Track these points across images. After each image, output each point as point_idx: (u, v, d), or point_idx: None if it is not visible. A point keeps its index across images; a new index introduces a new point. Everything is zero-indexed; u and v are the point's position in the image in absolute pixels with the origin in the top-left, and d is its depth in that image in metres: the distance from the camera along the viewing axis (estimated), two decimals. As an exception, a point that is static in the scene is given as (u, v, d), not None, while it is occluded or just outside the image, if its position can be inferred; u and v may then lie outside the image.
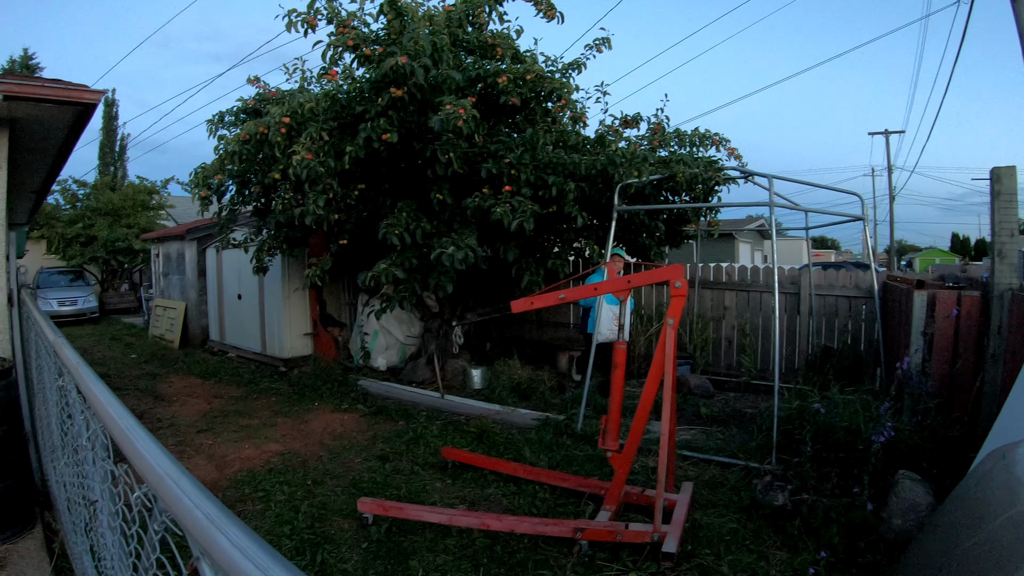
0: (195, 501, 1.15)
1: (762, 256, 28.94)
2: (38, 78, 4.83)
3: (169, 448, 1.90)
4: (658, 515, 4.50)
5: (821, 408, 5.75)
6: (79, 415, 2.64)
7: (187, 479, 1.25)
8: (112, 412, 1.80)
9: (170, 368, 12.47)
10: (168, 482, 1.27)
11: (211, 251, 14.52)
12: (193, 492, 1.19)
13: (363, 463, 6.74)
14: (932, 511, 4.38)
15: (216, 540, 1.04)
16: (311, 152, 7.29)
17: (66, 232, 23.62)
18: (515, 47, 8.97)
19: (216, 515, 1.09)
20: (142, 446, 1.48)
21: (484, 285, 10.09)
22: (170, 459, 1.36)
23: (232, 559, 0.98)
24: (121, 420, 1.71)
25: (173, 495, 1.22)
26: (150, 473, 1.37)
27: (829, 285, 9.40)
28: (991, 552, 2.66)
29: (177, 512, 1.20)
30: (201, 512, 1.11)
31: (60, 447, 3.48)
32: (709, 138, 9.10)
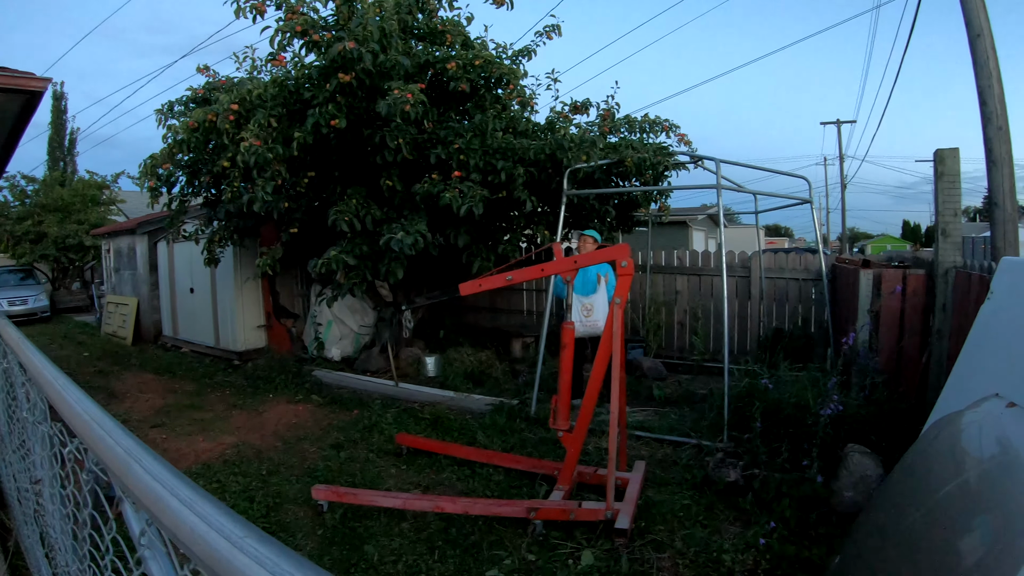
0: (115, 438, 1.16)
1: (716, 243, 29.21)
2: (-18, 67, 4.75)
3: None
4: (610, 493, 4.56)
5: (770, 384, 5.86)
6: (21, 389, 2.64)
7: (110, 421, 1.26)
8: (47, 374, 1.84)
9: (123, 365, 12.28)
10: (93, 426, 1.28)
11: (163, 245, 14.31)
12: (115, 431, 1.20)
13: (318, 452, 6.73)
14: (881, 482, 4.48)
15: (132, 470, 1.05)
16: (259, 139, 7.23)
17: (15, 230, 23.08)
18: (465, 34, 8.97)
19: (134, 448, 1.10)
20: (71, 396, 1.51)
21: (436, 272, 10.09)
22: (96, 407, 1.37)
23: (144, 484, 0.99)
24: (55, 380, 1.74)
25: (98, 438, 1.23)
26: (78, 421, 1.38)
27: (779, 268, 9.57)
28: (939, 521, 2.74)
29: (102, 454, 1.21)
30: (121, 447, 1.12)
31: (7, 434, 3.45)
32: (659, 124, 9.18)
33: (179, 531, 0.89)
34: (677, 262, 10.33)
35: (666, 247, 11.43)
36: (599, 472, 5.40)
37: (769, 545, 4.29)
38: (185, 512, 0.90)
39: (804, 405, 5.42)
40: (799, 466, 5.06)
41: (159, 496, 0.96)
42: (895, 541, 3.09)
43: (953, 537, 2.59)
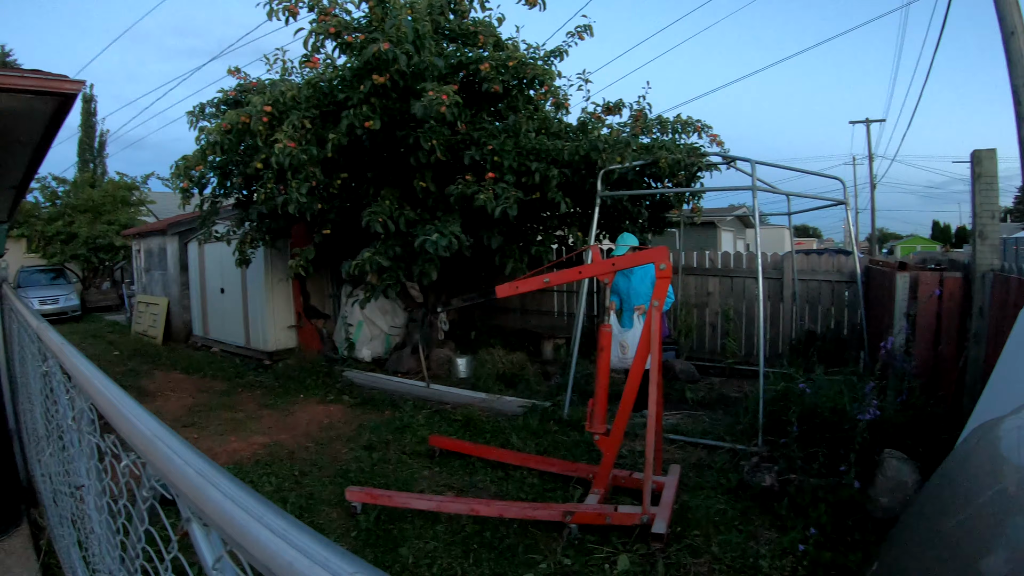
0: (186, 459, 1.12)
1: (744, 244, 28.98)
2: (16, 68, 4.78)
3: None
4: (647, 497, 4.52)
5: (807, 388, 5.78)
6: (64, 396, 2.61)
7: (176, 439, 1.23)
8: (97, 384, 1.77)
9: (154, 364, 12.37)
10: (158, 443, 1.24)
11: (193, 245, 14.40)
12: (183, 450, 1.16)
13: (350, 453, 6.72)
14: (918, 489, 4.41)
15: (208, 494, 1.01)
16: (293, 140, 7.25)
17: (46, 230, 23.33)
18: (497, 35, 8.94)
19: (207, 470, 1.06)
20: (129, 411, 1.45)
21: (468, 273, 10.08)
22: (158, 422, 1.34)
23: (225, 511, 0.96)
24: (107, 390, 1.67)
25: (163, 455, 1.19)
26: (139, 437, 1.33)
27: (812, 270, 9.46)
28: (976, 529, 2.68)
29: (168, 472, 1.17)
30: (192, 469, 1.09)
31: (45, 437, 3.44)
32: (691, 125, 9.12)
33: (273, 566, 0.85)
34: (709, 263, 10.23)
35: (695, 248, 11.36)
36: (634, 476, 5.36)
37: (806, 551, 4.23)
38: (278, 544, 0.86)
39: (840, 409, 5.33)
40: (835, 471, 4.99)
41: (244, 526, 0.92)
42: (933, 549, 3.03)
43: (989, 544, 2.53)
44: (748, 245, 29.14)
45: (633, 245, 7.05)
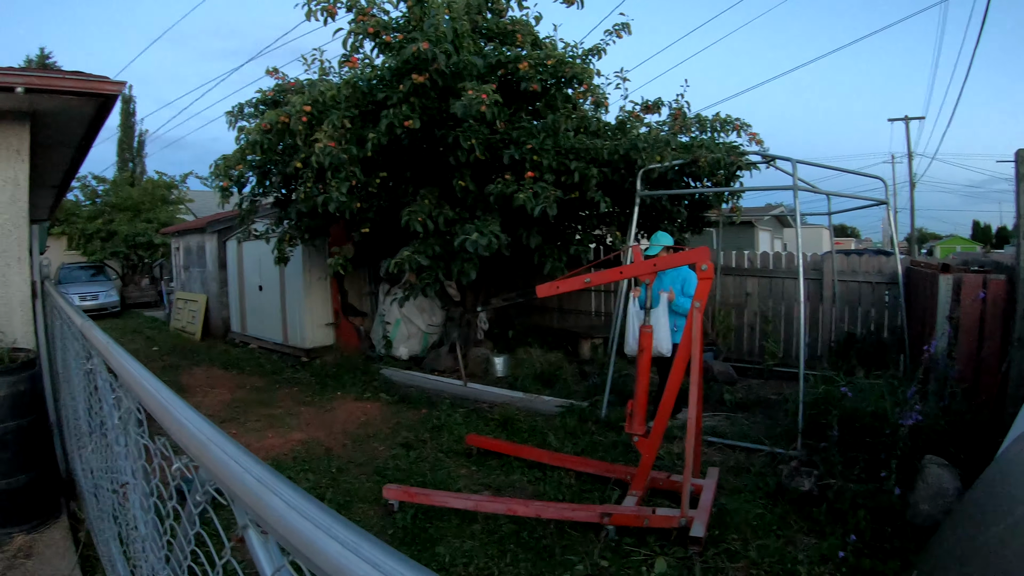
0: (244, 465, 1.11)
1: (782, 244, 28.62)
2: (58, 70, 4.84)
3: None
4: (685, 500, 4.48)
5: (848, 392, 5.70)
6: (109, 395, 2.60)
7: (232, 445, 1.21)
8: (147, 385, 1.77)
9: (192, 360, 12.52)
10: (213, 448, 1.23)
11: (231, 243, 14.55)
12: (241, 456, 1.15)
13: (387, 451, 6.75)
14: (959, 497, 4.35)
15: (269, 503, 1.00)
16: (333, 139, 7.28)
17: (86, 228, 23.70)
18: (535, 33, 8.93)
19: (267, 478, 1.04)
20: (182, 414, 1.43)
21: (506, 272, 10.07)
22: (213, 426, 1.33)
23: (289, 521, 0.94)
24: (158, 392, 1.67)
25: (219, 461, 1.17)
26: (192, 441, 1.32)
27: (852, 271, 9.32)
28: (1018, 540, 2.63)
29: (223, 477, 1.16)
30: (251, 476, 1.07)
31: (87, 433, 3.46)
32: (730, 123, 9.03)
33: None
34: (748, 264, 10.13)
35: (732, 247, 11.26)
36: (672, 478, 5.33)
37: (846, 558, 4.17)
38: (348, 557, 0.84)
39: (882, 414, 5.25)
40: (875, 477, 4.93)
41: (311, 538, 0.89)
42: (973, 558, 2.97)
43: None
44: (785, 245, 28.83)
45: (667, 244, 6.89)
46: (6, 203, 5.16)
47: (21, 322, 5.22)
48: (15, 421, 4.38)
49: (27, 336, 5.23)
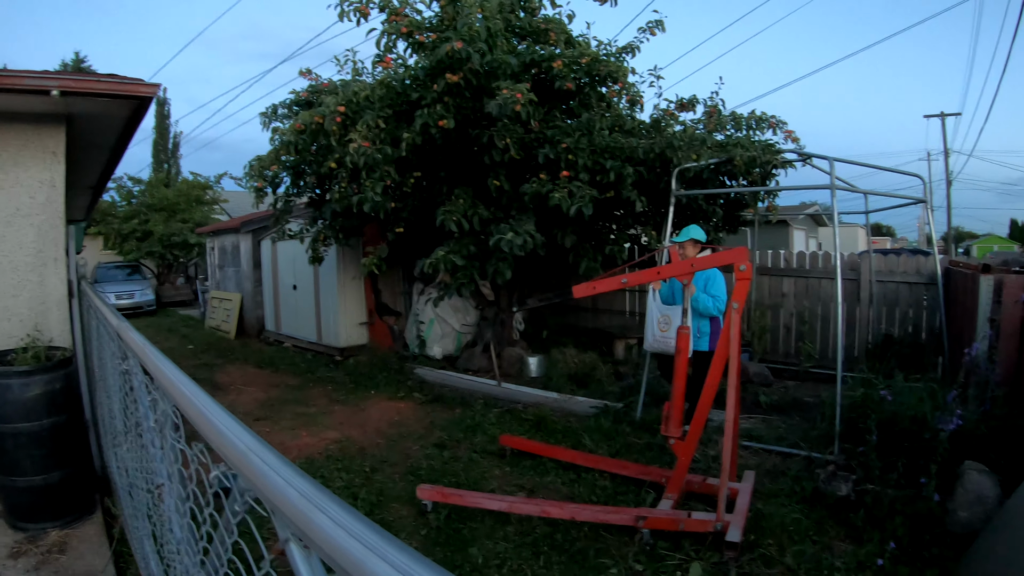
0: (287, 478, 1.08)
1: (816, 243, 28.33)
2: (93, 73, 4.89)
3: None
4: (721, 504, 4.42)
5: (888, 396, 5.60)
6: (145, 397, 2.59)
7: (273, 455, 1.18)
8: (185, 390, 1.74)
9: (227, 358, 12.64)
10: (253, 458, 1.20)
11: (266, 243, 14.67)
12: (283, 468, 1.12)
13: (421, 451, 6.75)
14: (999, 504, 4.28)
15: (315, 519, 0.97)
16: (367, 140, 7.29)
17: (122, 228, 24.04)
18: (568, 32, 8.88)
19: (312, 492, 1.01)
20: (221, 422, 1.40)
21: (540, 272, 10.04)
22: (253, 436, 1.30)
23: (337, 540, 0.91)
24: (195, 398, 1.65)
25: (261, 472, 1.14)
26: (231, 450, 1.29)
27: (889, 271, 9.16)
28: None
29: (264, 490, 1.13)
30: (295, 489, 1.05)
31: (123, 432, 3.48)
32: (765, 121, 8.92)
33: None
34: (784, 263, 10.00)
35: (766, 246, 11.14)
36: (708, 481, 5.27)
37: (884, 566, 4.11)
38: None
39: (921, 418, 5.15)
40: (914, 483, 4.82)
41: (361, 559, 0.86)
42: (1013, 567, 2.90)
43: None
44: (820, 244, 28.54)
45: (696, 238, 6.51)
46: (42, 204, 5.24)
47: (57, 321, 5.30)
48: (51, 419, 4.45)
49: (63, 335, 5.30)
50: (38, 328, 5.14)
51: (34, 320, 5.17)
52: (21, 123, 5.15)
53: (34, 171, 5.20)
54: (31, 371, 4.44)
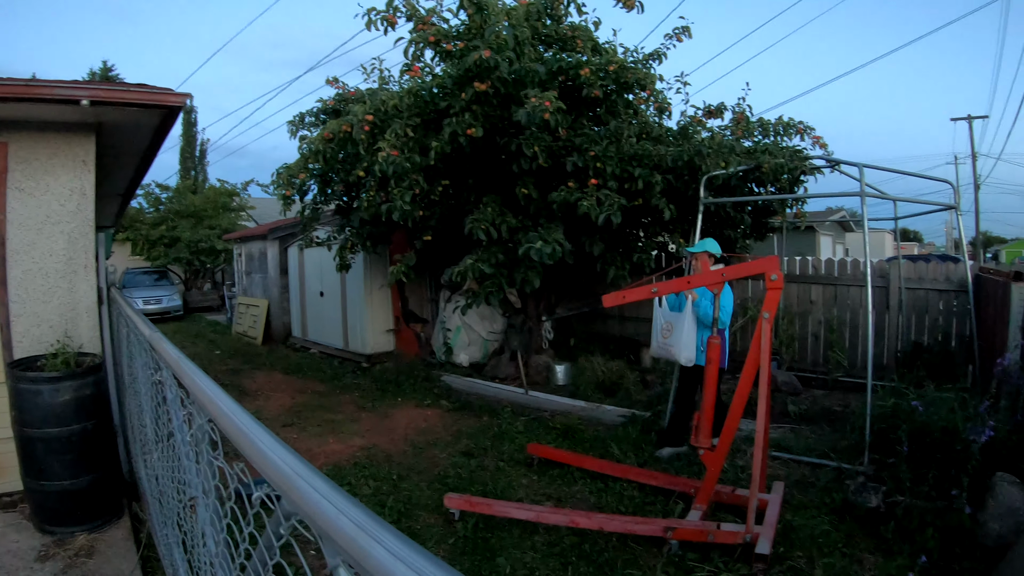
0: (339, 506, 1.06)
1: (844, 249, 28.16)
2: (123, 83, 4.96)
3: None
4: (751, 515, 4.39)
5: (919, 406, 5.54)
6: (179, 410, 2.61)
7: (323, 480, 1.16)
8: (224, 407, 1.73)
9: (254, 364, 12.73)
10: (300, 483, 1.18)
11: (293, 249, 14.79)
12: (334, 495, 1.10)
13: (448, 459, 6.75)
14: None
15: (371, 551, 0.94)
16: (396, 148, 7.32)
17: (150, 234, 24.38)
18: (594, 39, 8.87)
19: (366, 522, 0.99)
20: (263, 441, 1.39)
21: (568, 280, 10.03)
22: (299, 458, 1.29)
23: (396, 573, 0.90)
24: (235, 416, 1.63)
25: (309, 499, 1.12)
26: (276, 472, 1.27)
27: (919, 278, 9.02)
28: None
29: (316, 517, 1.11)
30: (348, 518, 1.03)
31: (154, 441, 3.48)
32: (793, 127, 8.86)
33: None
34: (812, 270, 9.91)
35: (793, 253, 11.05)
36: (737, 492, 5.23)
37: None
38: None
39: (952, 429, 5.08)
40: (945, 494, 4.75)
41: None
42: None
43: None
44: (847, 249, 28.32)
45: (710, 250, 6.43)
46: (72, 212, 5.32)
47: (87, 327, 5.37)
48: (80, 424, 4.50)
49: (93, 341, 5.37)
50: (68, 334, 5.21)
51: (64, 326, 5.25)
52: (51, 132, 5.24)
53: (64, 179, 5.29)
54: (61, 377, 4.50)
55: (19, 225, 5.14)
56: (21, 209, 5.14)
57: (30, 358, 4.88)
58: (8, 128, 5.11)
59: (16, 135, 5.14)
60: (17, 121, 5.10)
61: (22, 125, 5.14)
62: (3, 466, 4.96)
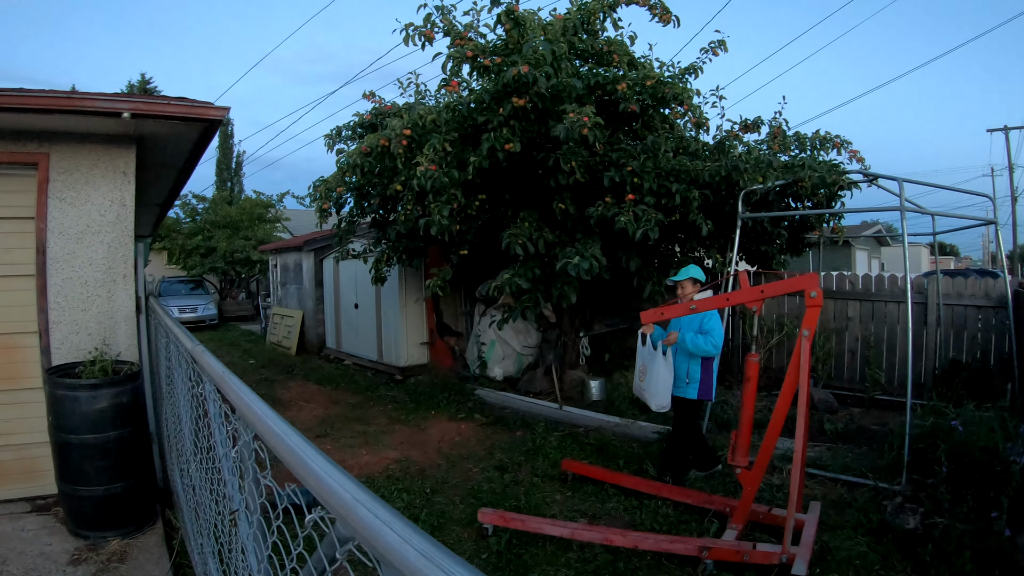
0: (402, 534, 1.05)
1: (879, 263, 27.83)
2: (163, 96, 5.03)
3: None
4: (788, 535, 4.35)
5: (959, 426, 5.46)
6: (221, 425, 2.62)
7: (383, 507, 1.16)
8: (275, 427, 1.71)
9: (288, 374, 12.84)
10: (361, 510, 1.17)
11: (328, 261, 14.91)
12: (396, 523, 1.09)
13: (481, 473, 6.75)
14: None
15: None
16: (434, 163, 7.36)
17: (186, 244, 24.76)
18: (630, 53, 8.87)
19: (435, 554, 0.98)
20: (319, 466, 1.39)
21: (602, 295, 9.99)
22: (357, 483, 1.27)
23: None
24: (286, 435, 1.62)
25: (370, 526, 1.12)
26: (333, 497, 1.26)
27: (957, 294, 8.87)
28: None
29: (376, 544, 1.08)
30: (414, 548, 1.01)
31: (192, 452, 3.50)
32: (830, 141, 8.80)
33: None
34: (849, 286, 9.79)
35: (828, 268, 10.93)
36: (773, 511, 5.18)
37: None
38: None
39: (992, 449, 5.00)
40: (984, 516, 4.67)
41: None
42: None
43: None
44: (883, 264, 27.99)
45: (694, 277, 6.23)
46: (112, 222, 5.42)
47: (125, 335, 5.46)
48: (116, 431, 4.57)
49: (130, 349, 5.46)
50: (106, 342, 5.32)
51: (103, 334, 5.35)
52: (92, 143, 5.36)
53: (104, 190, 5.40)
54: (99, 384, 4.58)
55: (59, 234, 5.25)
56: (61, 218, 5.26)
57: (68, 364, 4.97)
58: (50, 139, 5.23)
59: (57, 146, 5.26)
60: (58, 132, 5.23)
61: (63, 136, 5.26)
62: (38, 469, 5.06)
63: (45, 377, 4.85)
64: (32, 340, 5.21)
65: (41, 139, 5.20)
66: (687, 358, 6.07)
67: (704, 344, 5.88)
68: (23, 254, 5.19)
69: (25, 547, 4.42)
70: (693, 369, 6.06)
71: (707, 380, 6.07)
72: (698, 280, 6.20)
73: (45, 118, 4.85)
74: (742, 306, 7.26)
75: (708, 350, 5.88)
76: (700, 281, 6.20)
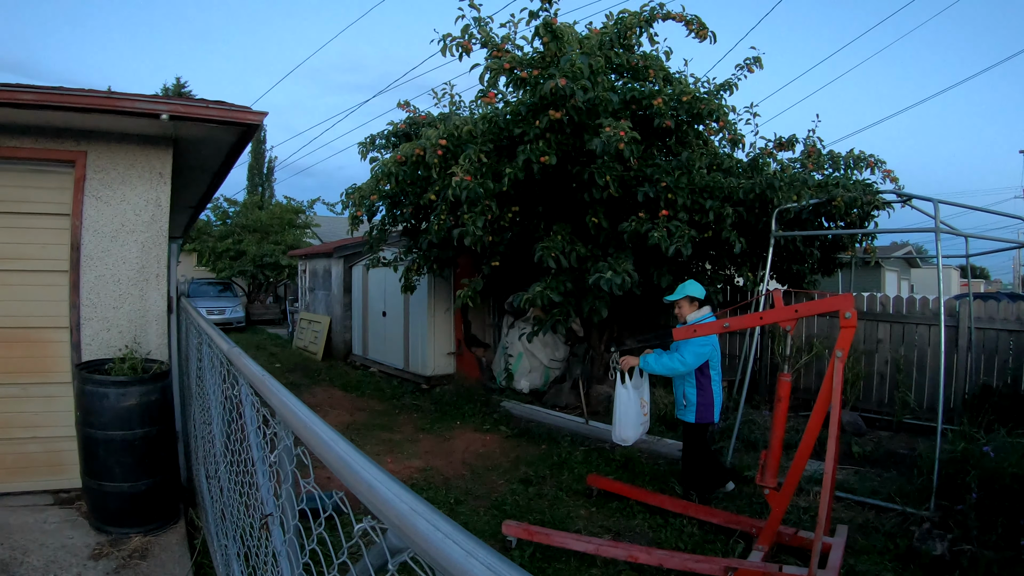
0: (467, 548, 1.02)
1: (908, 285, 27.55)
2: (202, 100, 5.07)
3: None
4: (815, 559, 4.29)
5: (990, 451, 5.39)
6: (255, 428, 2.63)
7: (443, 519, 1.12)
8: (322, 435, 1.69)
9: (313, 379, 12.91)
10: (421, 522, 1.13)
11: (357, 268, 15.00)
12: (459, 535, 1.06)
13: (506, 485, 6.75)
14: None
15: None
16: (469, 174, 7.39)
17: (216, 246, 25.01)
18: (666, 69, 8.87)
19: (502, 568, 0.96)
20: (372, 476, 1.36)
21: (632, 310, 9.95)
22: (413, 494, 1.24)
23: None
24: (334, 443, 1.60)
25: (431, 539, 1.08)
26: (390, 509, 1.22)
27: (989, 318, 8.76)
28: None
29: (439, 558, 1.02)
30: (479, 561, 1.00)
31: (222, 454, 3.49)
32: (864, 160, 8.77)
33: None
34: (880, 308, 9.69)
35: (857, 289, 10.82)
36: (800, 534, 5.13)
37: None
38: None
39: (1022, 475, 4.95)
40: (1014, 544, 4.63)
41: None
42: None
43: None
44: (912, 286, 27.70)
45: (692, 295, 6.13)
46: (147, 222, 5.50)
47: (156, 334, 5.53)
48: (143, 429, 4.62)
49: (160, 348, 5.53)
50: (137, 340, 5.39)
51: (133, 332, 5.42)
52: (129, 143, 5.44)
53: (140, 190, 5.48)
54: (127, 382, 4.63)
55: (94, 232, 5.33)
56: (97, 216, 5.34)
57: (98, 361, 5.04)
58: (87, 138, 5.32)
59: (95, 145, 5.35)
60: (96, 132, 5.32)
61: (101, 136, 5.35)
62: (63, 463, 5.13)
63: (75, 372, 4.91)
64: (63, 335, 5.29)
65: (79, 138, 5.30)
66: (681, 381, 6.03)
67: (670, 361, 5.75)
68: (57, 250, 5.27)
69: (47, 539, 4.47)
70: (688, 392, 5.99)
71: (705, 403, 5.95)
72: (695, 299, 6.11)
73: (84, 117, 4.93)
74: (773, 325, 7.18)
75: (675, 367, 5.74)
76: (697, 299, 6.11)
